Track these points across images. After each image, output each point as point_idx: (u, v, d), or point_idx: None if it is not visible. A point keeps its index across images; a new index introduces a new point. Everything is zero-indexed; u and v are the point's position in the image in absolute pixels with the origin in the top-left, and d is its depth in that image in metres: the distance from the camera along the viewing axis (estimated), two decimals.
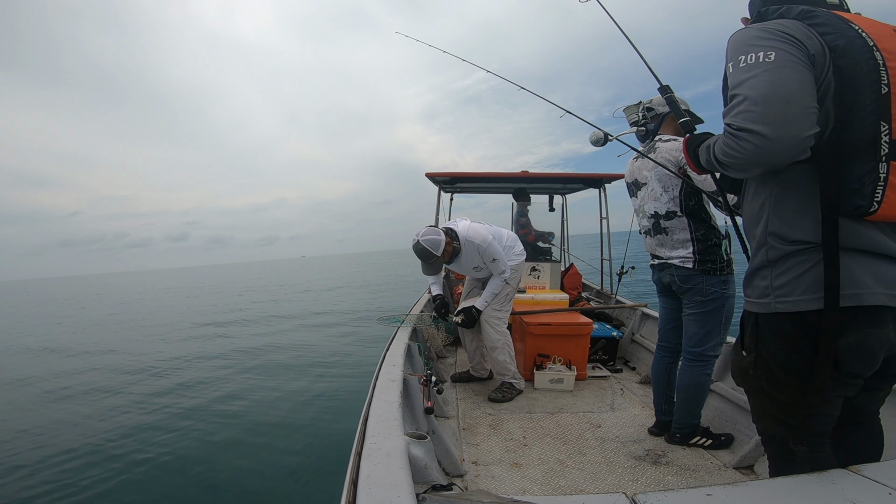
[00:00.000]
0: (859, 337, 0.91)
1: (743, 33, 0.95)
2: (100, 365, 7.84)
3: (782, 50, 0.86)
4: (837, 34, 0.88)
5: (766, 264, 1.00)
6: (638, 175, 2.00)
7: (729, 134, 0.90)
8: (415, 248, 2.51)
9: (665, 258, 1.90)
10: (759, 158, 0.87)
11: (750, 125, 0.85)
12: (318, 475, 3.32)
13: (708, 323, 1.83)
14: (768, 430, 1.09)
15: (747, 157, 0.87)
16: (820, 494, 0.87)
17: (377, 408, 1.44)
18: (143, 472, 3.54)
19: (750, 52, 0.89)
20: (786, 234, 0.96)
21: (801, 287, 0.94)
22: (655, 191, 1.90)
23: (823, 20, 0.90)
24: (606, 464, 1.85)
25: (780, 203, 0.97)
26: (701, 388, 1.90)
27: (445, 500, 0.98)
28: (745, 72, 0.88)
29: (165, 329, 12.35)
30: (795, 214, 0.95)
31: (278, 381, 5.89)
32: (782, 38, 0.88)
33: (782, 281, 0.96)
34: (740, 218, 1.24)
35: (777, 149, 0.84)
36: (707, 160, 1.04)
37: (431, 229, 2.56)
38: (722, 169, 0.99)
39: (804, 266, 0.94)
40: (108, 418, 4.88)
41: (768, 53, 0.87)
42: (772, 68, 0.85)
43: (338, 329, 9.90)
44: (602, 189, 4.47)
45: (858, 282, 0.89)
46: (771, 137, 0.83)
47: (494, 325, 2.67)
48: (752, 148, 0.86)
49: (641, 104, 1.98)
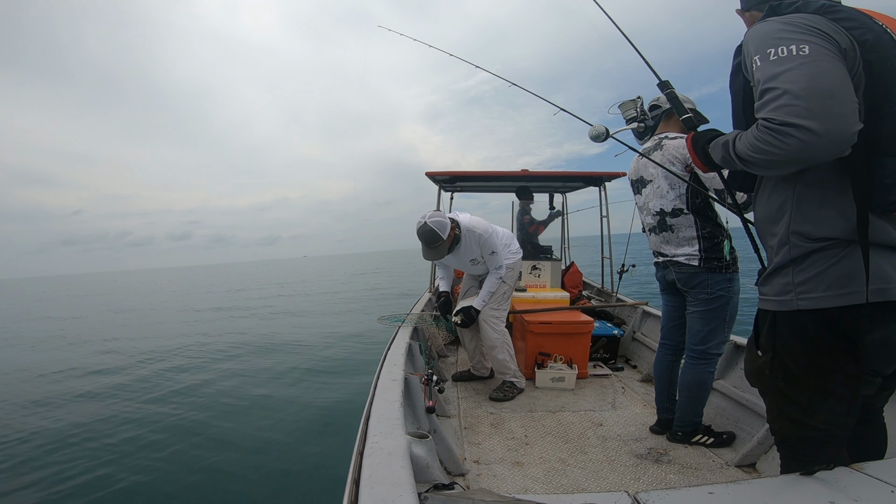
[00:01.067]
0: (886, 333, 0.89)
1: (766, 26, 0.90)
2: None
3: (815, 44, 0.83)
4: (865, 29, 0.85)
5: (787, 262, 0.97)
6: (644, 172, 1.98)
7: (767, 129, 0.84)
8: (421, 229, 2.45)
9: (670, 256, 1.89)
10: (803, 155, 0.82)
11: (796, 120, 0.80)
12: (319, 474, 3.33)
13: (712, 321, 1.83)
14: (784, 431, 1.05)
15: (789, 153, 0.83)
16: (822, 492, 0.86)
17: (379, 407, 1.45)
18: (140, 472, 3.55)
19: (780, 45, 0.85)
20: (810, 231, 0.93)
21: (825, 283, 0.91)
22: (662, 188, 1.88)
23: (847, 15, 0.87)
24: (608, 462, 1.85)
25: (804, 200, 0.94)
26: (704, 387, 1.90)
27: (447, 499, 0.97)
28: (779, 65, 0.84)
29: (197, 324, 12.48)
30: (820, 211, 0.92)
31: (279, 380, 5.91)
32: (812, 31, 0.84)
33: (804, 277, 0.93)
34: (746, 216, 1.22)
35: (824, 145, 0.80)
36: (724, 157, 0.99)
37: (438, 213, 2.53)
38: (743, 166, 0.95)
39: (828, 262, 0.91)
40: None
41: (801, 47, 0.83)
42: (808, 61, 0.81)
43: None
44: (602, 187, 4.47)
45: (886, 277, 0.87)
46: (820, 133, 0.79)
47: (492, 325, 2.66)
48: (798, 144, 0.81)
49: (639, 100, 1.97)
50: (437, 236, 2.43)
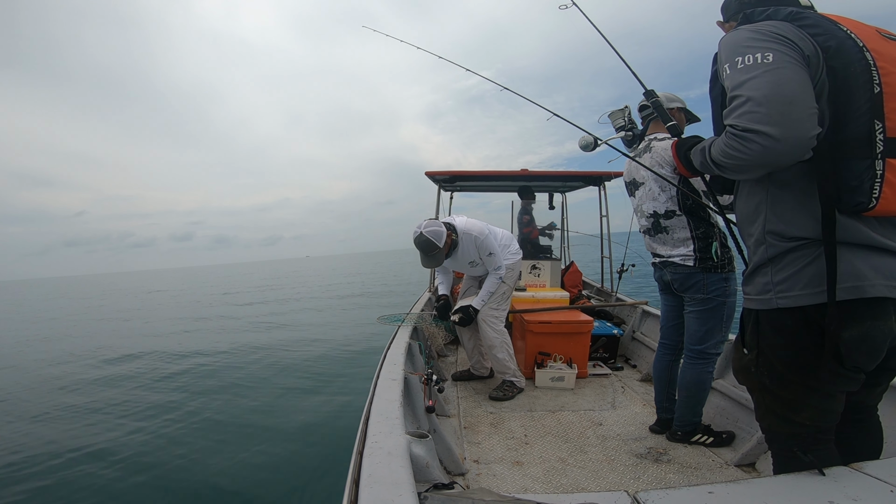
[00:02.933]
0: (862, 329, 0.91)
1: (735, 35, 0.94)
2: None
3: (779, 51, 0.87)
4: (828, 35, 0.88)
5: (765, 261, 1.00)
6: (636, 175, 2.00)
7: (732, 135, 0.89)
8: (417, 239, 2.49)
9: (666, 256, 1.90)
10: (764, 160, 0.86)
11: (756, 126, 0.84)
12: (320, 474, 3.33)
13: (709, 321, 1.83)
14: (772, 427, 1.08)
15: (752, 158, 0.87)
16: (822, 492, 0.87)
17: (378, 407, 1.45)
18: (137, 471, 3.55)
19: (747, 53, 0.89)
20: (784, 231, 0.97)
21: (802, 282, 0.94)
22: (653, 190, 1.90)
23: (813, 21, 0.90)
24: (608, 462, 1.85)
25: (776, 202, 0.98)
26: (702, 386, 1.90)
27: (447, 498, 0.98)
28: (744, 73, 0.88)
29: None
30: (793, 212, 0.96)
31: (283, 379, 5.91)
32: (777, 39, 0.88)
33: (782, 276, 0.97)
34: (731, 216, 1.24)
35: (784, 149, 0.84)
36: (702, 163, 1.03)
37: (433, 221, 2.56)
38: (719, 171, 0.98)
39: (803, 261, 0.94)
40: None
41: (766, 55, 0.87)
42: (772, 69, 0.85)
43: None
44: (602, 187, 4.47)
45: (859, 275, 0.89)
46: (778, 138, 0.83)
47: (491, 324, 2.67)
48: (759, 149, 0.85)
49: (626, 109, 1.99)
50: (434, 245, 2.46)
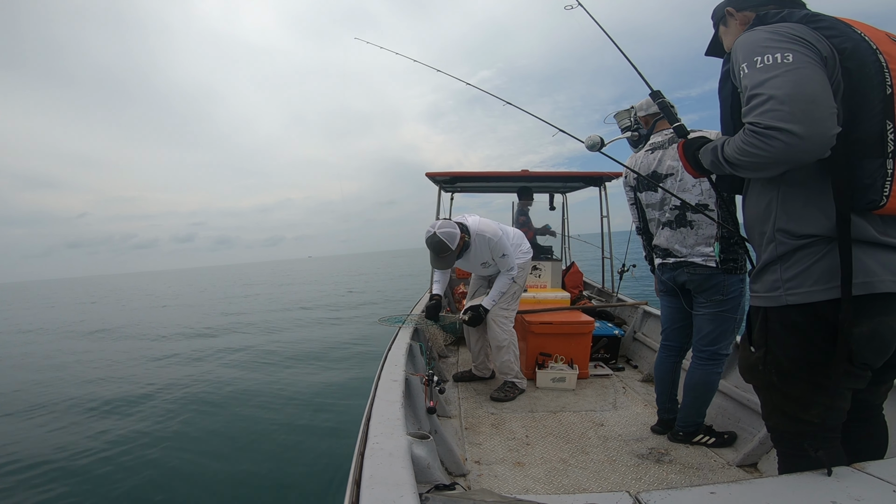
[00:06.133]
0: (872, 325, 0.92)
1: (753, 35, 0.95)
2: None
3: (798, 52, 0.88)
4: (844, 37, 0.90)
5: (774, 259, 1.01)
6: (658, 167, 1.90)
7: (754, 133, 0.89)
8: (430, 240, 2.44)
9: (683, 256, 1.84)
10: (787, 157, 0.86)
11: (780, 124, 0.85)
12: (320, 475, 3.32)
13: (725, 322, 1.81)
14: (779, 426, 1.08)
15: (774, 155, 0.87)
16: (824, 492, 0.86)
17: (379, 408, 1.45)
18: (141, 470, 3.56)
19: (766, 53, 0.90)
20: (794, 229, 0.97)
21: (812, 278, 0.95)
22: (686, 181, 1.82)
23: (829, 24, 0.92)
24: (609, 462, 1.85)
25: (787, 200, 0.99)
26: (710, 387, 1.89)
27: (448, 499, 0.98)
28: (765, 72, 0.88)
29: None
30: (803, 210, 0.96)
31: (284, 378, 5.91)
32: (795, 39, 0.89)
33: (792, 273, 0.98)
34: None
35: (807, 147, 0.84)
36: (713, 162, 1.03)
37: (447, 222, 2.51)
38: (732, 169, 0.99)
39: (813, 258, 0.95)
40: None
41: (786, 55, 0.88)
42: (792, 69, 0.86)
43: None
44: (602, 187, 4.46)
45: (869, 271, 0.90)
46: (802, 136, 0.83)
47: (501, 325, 2.65)
48: (782, 146, 0.85)
49: (632, 109, 1.96)
50: (447, 247, 2.42)
